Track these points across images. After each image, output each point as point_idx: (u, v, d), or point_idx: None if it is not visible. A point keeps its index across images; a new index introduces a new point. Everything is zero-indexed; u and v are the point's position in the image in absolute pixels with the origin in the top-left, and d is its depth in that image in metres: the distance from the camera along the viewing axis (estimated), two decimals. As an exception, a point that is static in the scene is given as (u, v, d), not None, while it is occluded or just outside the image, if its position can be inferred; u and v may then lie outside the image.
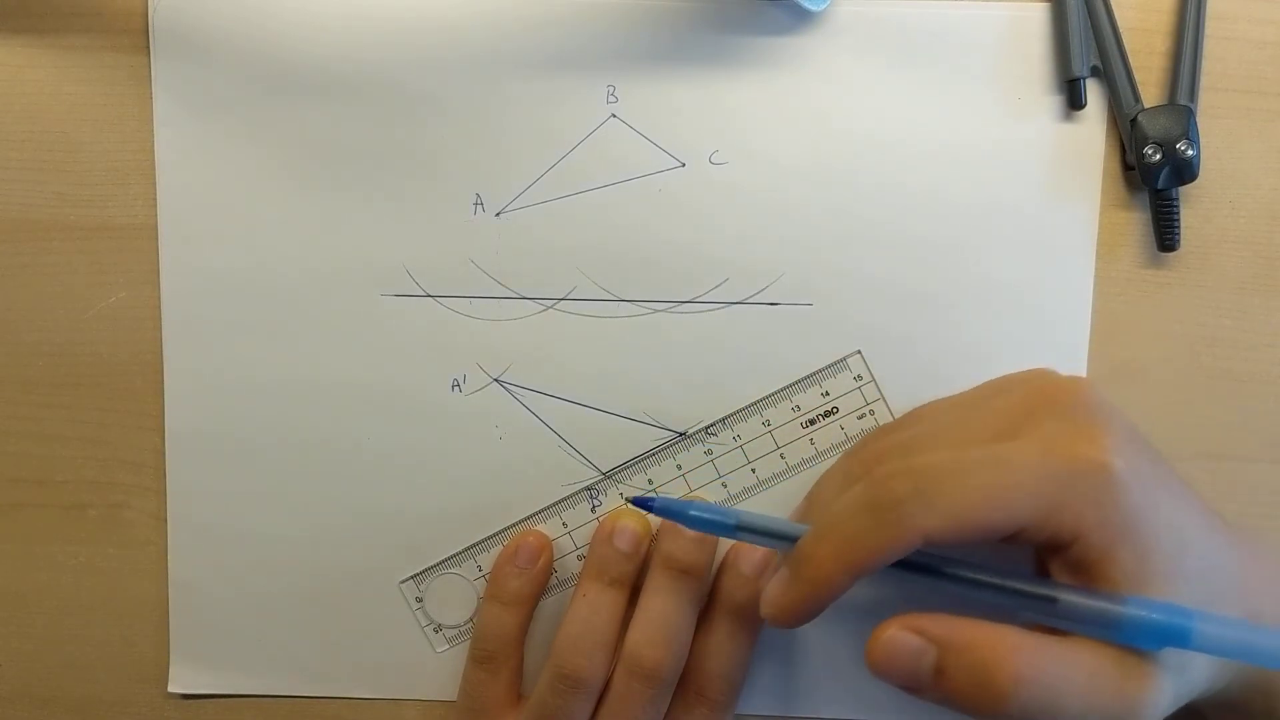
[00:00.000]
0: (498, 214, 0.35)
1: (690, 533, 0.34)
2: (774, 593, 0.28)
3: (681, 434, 0.35)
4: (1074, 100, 0.33)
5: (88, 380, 0.36)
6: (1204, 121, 0.33)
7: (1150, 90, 0.34)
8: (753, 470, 0.35)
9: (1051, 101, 0.34)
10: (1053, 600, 0.26)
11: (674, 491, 0.35)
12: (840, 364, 0.35)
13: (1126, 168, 0.34)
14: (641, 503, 0.31)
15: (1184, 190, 0.34)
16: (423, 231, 0.35)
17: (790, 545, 0.28)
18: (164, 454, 0.36)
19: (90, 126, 0.35)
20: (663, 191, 0.34)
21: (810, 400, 0.35)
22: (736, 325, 0.35)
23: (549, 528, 0.36)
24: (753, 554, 0.34)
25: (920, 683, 0.26)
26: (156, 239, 0.35)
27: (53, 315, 0.36)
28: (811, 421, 0.35)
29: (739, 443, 0.35)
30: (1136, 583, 0.25)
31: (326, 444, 0.36)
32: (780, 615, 0.27)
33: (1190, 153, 0.33)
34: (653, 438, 0.35)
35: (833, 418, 0.35)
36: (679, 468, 0.35)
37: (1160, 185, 0.33)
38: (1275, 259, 0.35)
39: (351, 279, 0.35)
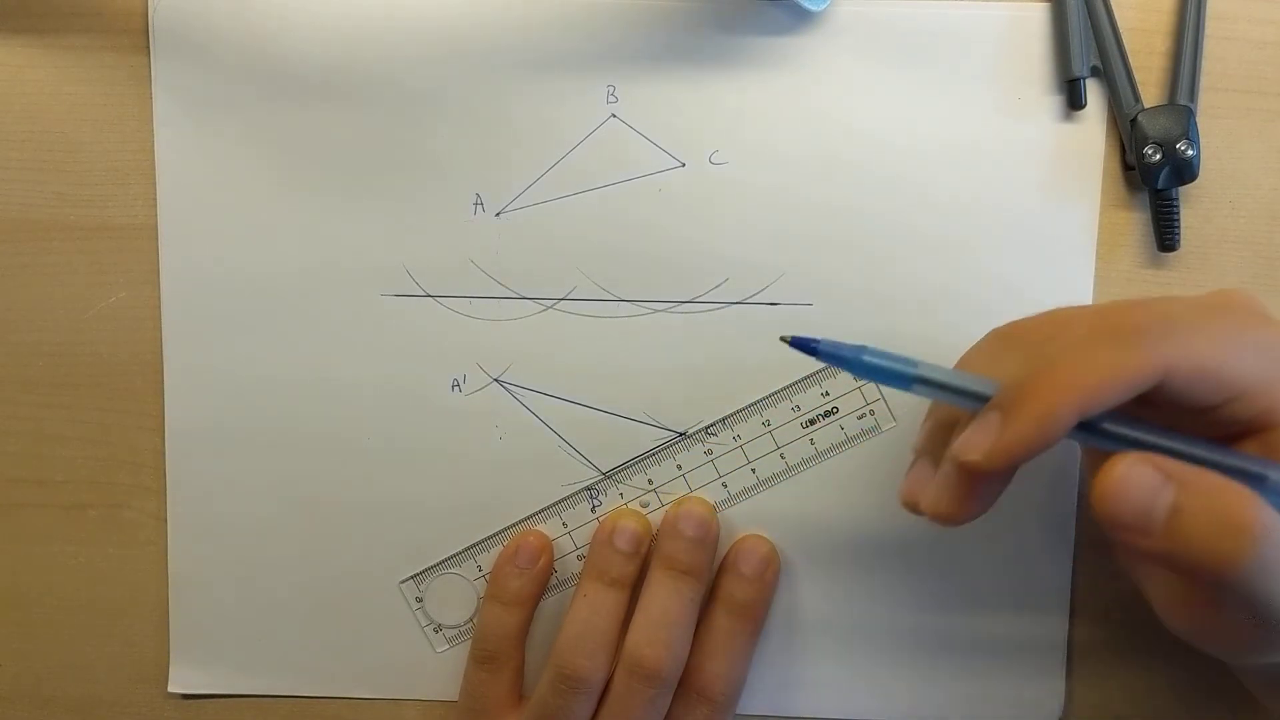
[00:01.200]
0: (498, 214, 0.35)
1: (690, 533, 0.34)
2: (977, 437, 0.24)
3: (681, 434, 0.35)
4: (1074, 100, 0.34)
5: (88, 380, 0.36)
6: (1204, 121, 0.33)
7: (1150, 90, 0.34)
8: (753, 470, 0.35)
9: (1051, 101, 0.34)
10: (1262, 479, 0.24)
11: (674, 492, 0.35)
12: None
13: (1126, 168, 0.34)
14: (803, 345, 0.27)
15: (1184, 190, 0.34)
16: (423, 231, 0.35)
17: (977, 404, 0.25)
18: (164, 454, 0.36)
19: (90, 126, 0.35)
20: (663, 191, 0.34)
21: (810, 400, 0.35)
22: (736, 325, 0.35)
23: (549, 528, 0.36)
24: (753, 555, 0.34)
25: (1151, 524, 0.23)
26: (156, 239, 0.35)
27: (53, 315, 0.36)
28: (811, 421, 0.35)
29: (739, 443, 0.35)
30: None
31: (326, 444, 0.36)
32: (989, 458, 0.24)
33: (1190, 153, 0.33)
34: (653, 438, 0.35)
35: (833, 418, 0.35)
36: (679, 468, 0.35)
37: (1160, 185, 0.33)
38: (1275, 259, 0.35)
39: (351, 279, 0.35)
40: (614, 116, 0.34)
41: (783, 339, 0.28)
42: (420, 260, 0.35)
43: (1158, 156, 0.33)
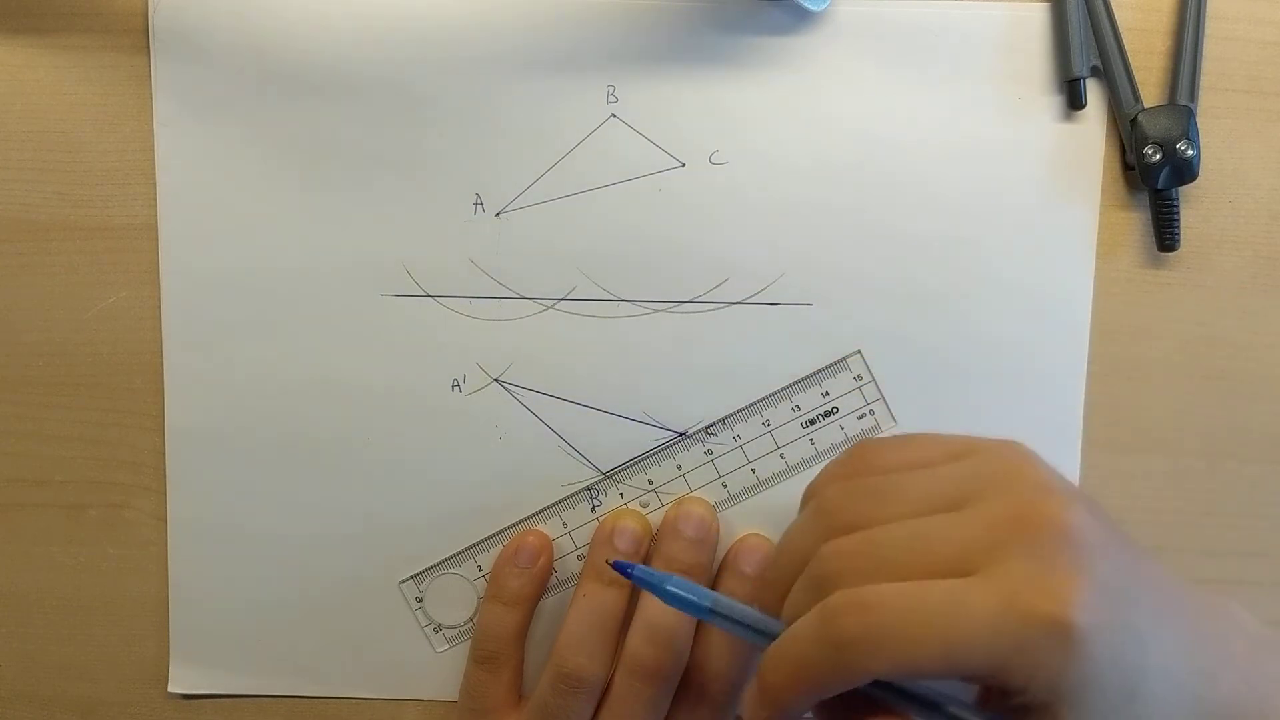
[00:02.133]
0: (498, 214, 0.35)
1: (690, 533, 0.34)
2: (747, 702, 0.27)
3: (681, 434, 0.35)
4: (1074, 100, 0.33)
5: (88, 380, 0.36)
6: (1204, 121, 0.33)
7: (1150, 90, 0.34)
8: (753, 470, 0.35)
9: (1051, 101, 0.34)
10: None
11: (674, 492, 0.35)
12: (840, 364, 0.35)
13: (1126, 168, 0.34)
14: (621, 568, 0.30)
15: (1184, 190, 0.34)
16: (423, 231, 0.35)
17: (762, 639, 0.28)
18: (164, 454, 0.36)
19: (90, 126, 0.35)
20: (663, 191, 0.34)
21: (810, 400, 0.35)
22: (736, 325, 0.35)
23: (549, 528, 0.36)
24: (754, 554, 0.34)
25: None
26: (156, 239, 0.35)
27: (53, 315, 0.36)
28: (811, 421, 0.35)
29: (739, 443, 0.35)
30: None
31: (327, 444, 0.36)
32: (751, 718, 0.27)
33: (1190, 153, 0.33)
34: (653, 438, 0.35)
35: (833, 418, 0.35)
36: (679, 468, 0.35)
37: (1160, 185, 0.33)
38: (1275, 259, 0.35)
39: (351, 279, 0.35)
40: (614, 116, 0.34)
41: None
42: (420, 260, 0.35)
43: (1158, 156, 0.33)
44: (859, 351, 0.35)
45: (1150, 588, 0.26)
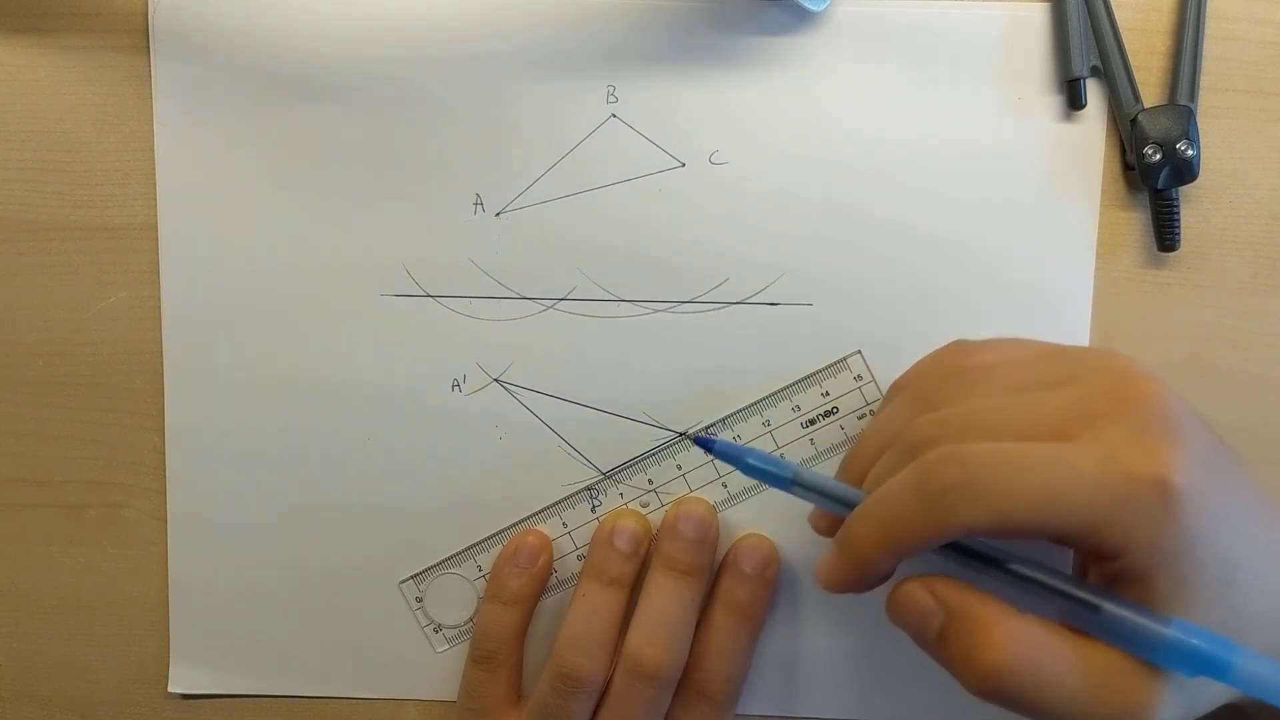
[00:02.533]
0: (498, 214, 0.35)
1: (690, 533, 0.34)
2: (824, 566, 0.28)
3: (681, 434, 0.35)
4: (1074, 100, 0.33)
5: (88, 380, 0.36)
6: (1204, 121, 0.33)
7: (1150, 90, 0.34)
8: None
9: (1051, 101, 0.34)
10: (1096, 609, 0.25)
11: (674, 492, 0.35)
12: (840, 364, 0.35)
13: (1126, 168, 0.34)
14: (703, 443, 0.30)
15: (1184, 190, 0.34)
16: (423, 231, 0.35)
17: (842, 508, 0.28)
18: (164, 454, 0.36)
19: (90, 126, 0.35)
20: (663, 191, 0.34)
21: (810, 400, 0.35)
22: (736, 325, 0.35)
23: (549, 528, 0.36)
24: (754, 554, 0.34)
25: (925, 641, 0.26)
26: (156, 239, 0.35)
27: (53, 315, 0.36)
28: (811, 421, 0.35)
29: (739, 443, 0.35)
30: (1170, 607, 0.24)
31: (326, 444, 0.36)
32: (829, 587, 0.28)
33: (1190, 153, 0.33)
34: (653, 438, 0.35)
35: (833, 418, 0.35)
36: (679, 468, 0.35)
37: (1160, 185, 0.33)
38: (1275, 259, 0.35)
39: (351, 279, 0.35)
40: (614, 116, 0.34)
41: (683, 435, 0.34)
42: (420, 260, 0.35)
43: (1158, 156, 0.33)
44: (859, 351, 0.35)
45: (1242, 487, 0.26)
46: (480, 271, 0.35)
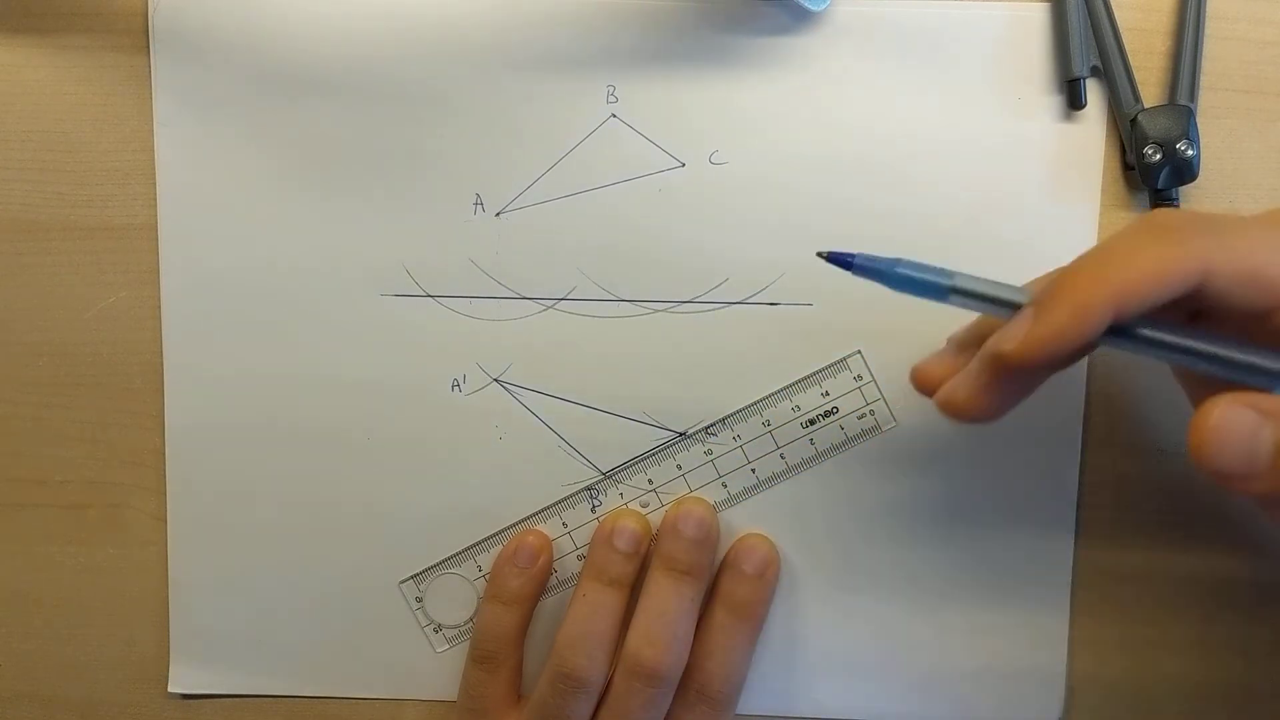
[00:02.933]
0: (498, 214, 0.35)
1: (690, 533, 0.34)
2: (1013, 329, 0.24)
3: (681, 434, 0.35)
4: (1074, 100, 0.33)
5: (88, 380, 0.36)
6: (1204, 121, 0.33)
7: (1150, 90, 0.34)
8: (753, 470, 0.35)
9: (1051, 101, 0.34)
10: None
11: (674, 491, 0.35)
12: (840, 364, 0.35)
13: (1126, 168, 0.34)
14: (839, 260, 0.27)
15: (1184, 190, 0.34)
16: (423, 231, 0.35)
17: (1008, 311, 0.25)
18: (164, 454, 0.36)
19: (90, 126, 0.35)
20: (663, 191, 0.34)
21: (810, 400, 0.35)
22: (736, 325, 0.35)
23: (549, 528, 0.36)
24: (754, 554, 0.34)
25: (1256, 464, 0.23)
26: (156, 239, 0.35)
27: (53, 315, 0.36)
28: (811, 421, 0.35)
29: (739, 443, 0.35)
30: None
31: (326, 444, 0.36)
32: (1024, 346, 0.24)
33: (1190, 153, 0.33)
34: (653, 438, 0.35)
35: (833, 418, 0.35)
36: (679, 468, 0.35)
37: (1160, 185, 0.33)
38: (1275, 259, 0.34)
39: (351, 279, 0.35)
40: (614, 116, 0.34)
41: (819, 254, 0.28)
42: (420, 260, 0.35)
43: (1158, 156, 0.33)
44: (859, 351, 0.35)
45: None
46: (480, 271, 0.35)
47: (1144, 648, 0.36)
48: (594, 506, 0.36)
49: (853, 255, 0.28)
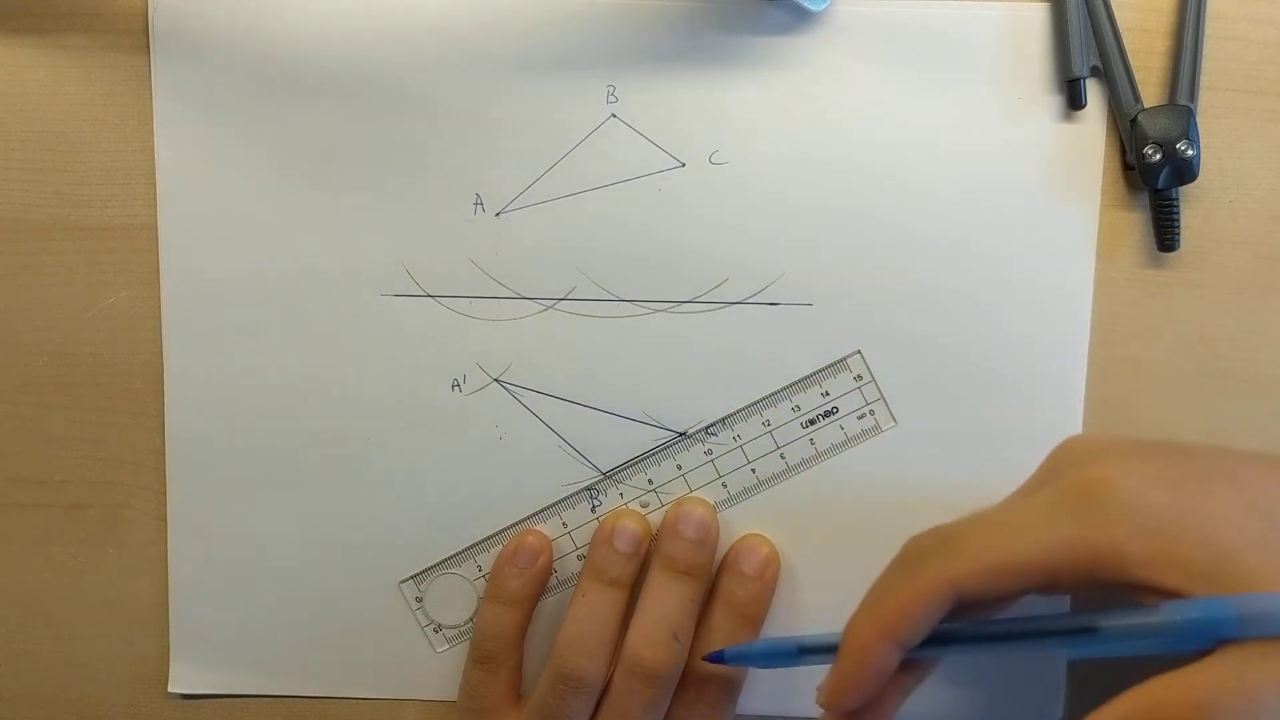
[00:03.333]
0: (498, 214, 0.35)
1: (690, 534, 0.34)
2: (824, 682, 0.28)
3: (681, 434, 0.35)
4: (1074, 100, 0.33)
5: (88, 380, 0.36)
6: (1204, 121, 0.33)
7: (1150, 90, 0.34)
8: (753, 470, 0.35)
9: (1051, 101, 0.34)
10: (1093, 629, 0.25)
11: (674, 492, 0.35)
12: (840, 364, 0.35)
13: (1126, 168, 0.34)
14: (715, 658, 0.32)
15: (1184, 190, 0.34)
16: (422, 231, 0.35)
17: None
18: (164, 454, 0.36)
19: (90, 126, 0.35)
20: (663, 191, 0.34)
21: (810, 400, 0.35)
22: (736, 325, 0.35)
23: (549, 528, 0.36)
24: (754, 554, 0.34)
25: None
26: (156, 239, 0.35)
27: (53, 315, 0.36)
28: (811, 421, 0.35)
29: (739, 443, 0.35)
30: (1204, 575, 0.24)
31: (326, 444, 0.36)
32: (830, 700, 0.28)
33: (1190, 153, 0.33)
34: (653, 438, 0.35)
35: (832, 418, 0.35)
36: (679, 468, 0.35)
37: (1160, 185, 0.33)
38: (1275, 259, 0.35)
39: (351, 279, 0.35)
40: (614, 116, 0.34)
41: (704, 658, 0.33)
42: (420, 260, 0.35)
43: (1158, 156, 0.33)
44: (859, 351, 0.35)
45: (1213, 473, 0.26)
46: (480, 271, 0.35)
47: (1144, 648, 0.36)
48: (594, 506, 0.36)
49: (723, 658, 0.32)
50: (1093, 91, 0.34)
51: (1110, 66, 0.33)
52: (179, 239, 0.35)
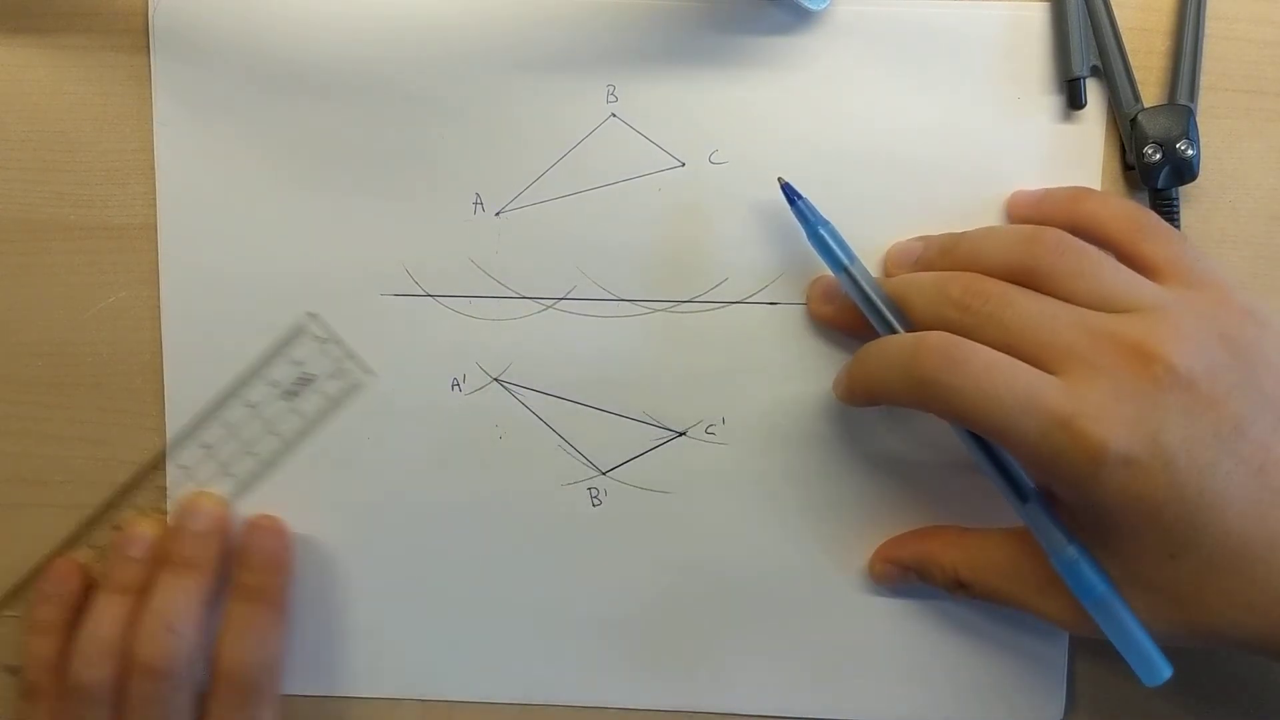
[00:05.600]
0: (498, 214, 0.35)
1: (196, 527, 0.34)
2: (837, 376, 0.33)
3: (681, 434, 0.35)
4: (1074, 100, 0.34)
5: (88, 380, 0.36)
6: (1204, 121, 0.33)
7: (1150, 90, 0.34)
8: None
9: (1051, 101, 0.34)
10: (1024, 499, 0.30)
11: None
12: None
13: (1126, 168, 0.34)
14: (789, 193, 0.33)
15: (1184, 190, 0.34)
16: (423, 231, 0.35)
17: (873, 314, 0.31)
18: (164, 454, 0.36)
19: (90, 126, 0.35)
20: (663, 191, 0.35)
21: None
22: (736, 325, 0.35)
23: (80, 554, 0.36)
24: (260, 539, 0.35)
25: (915, 587, 0.34)
26: (156, 239, 0.35)
27: (53, 315, 0.36)
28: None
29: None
30: (1101, 553, 0.29)
31: (325, 444, 0.36)
32: (841, 396, 0.33)
33: (1190, 153, 0.33)
34: (653, 437, 0.35)
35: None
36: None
37: (1160, 185, 0.33)
38: (1275, 259, 0.35)
39: (351, 279, 0.35)
40: (614, 116, 0.34)
41: (779, 180, 0.33)
42: (420, 260, 0.35)
43: (1158, 156, 0.33)
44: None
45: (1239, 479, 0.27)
46: (480, 271, 0.35)
47: (1144, 647, 0.36)
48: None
49: (799, 197, 0.33)
50: (1092, 91, 0.34)
51: (1110, 66, 0.33)
52: (179, 238, 0.35)
